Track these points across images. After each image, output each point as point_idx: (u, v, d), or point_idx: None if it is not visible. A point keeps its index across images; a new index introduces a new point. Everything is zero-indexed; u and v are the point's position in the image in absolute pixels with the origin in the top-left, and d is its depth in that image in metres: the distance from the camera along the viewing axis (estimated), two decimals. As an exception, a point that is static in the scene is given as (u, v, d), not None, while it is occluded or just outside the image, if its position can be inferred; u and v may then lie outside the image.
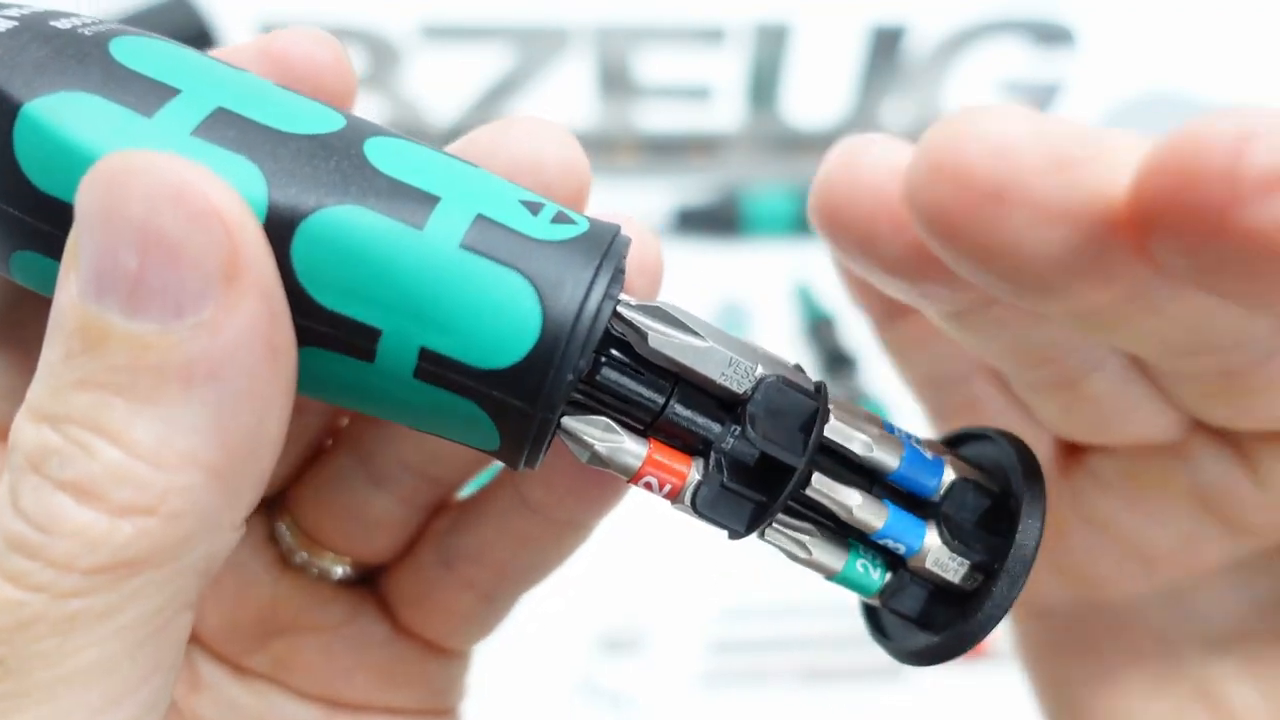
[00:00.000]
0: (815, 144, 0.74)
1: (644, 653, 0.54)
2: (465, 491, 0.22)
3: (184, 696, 0.21)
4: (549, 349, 0.14)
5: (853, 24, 0.69)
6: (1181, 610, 0.23)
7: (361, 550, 0.22)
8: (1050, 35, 0.69)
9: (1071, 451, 0.22)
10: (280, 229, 0.14)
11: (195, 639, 0.21)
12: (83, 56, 0.14)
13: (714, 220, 0.70)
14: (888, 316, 0.22)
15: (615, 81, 0.69)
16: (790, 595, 0.55)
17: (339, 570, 0.22)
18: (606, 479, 0.19)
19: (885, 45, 0.68)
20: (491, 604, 0.22)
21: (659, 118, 0.73)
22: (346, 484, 0.21)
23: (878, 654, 0.18)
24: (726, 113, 0.73)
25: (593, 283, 0.14)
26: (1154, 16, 0.83)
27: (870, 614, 0.19)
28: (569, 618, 0.54)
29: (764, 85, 0.71)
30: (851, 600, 0.18)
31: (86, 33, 0.15)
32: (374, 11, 0.65)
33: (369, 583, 0.22)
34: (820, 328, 0.65)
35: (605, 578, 0.56)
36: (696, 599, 0.55)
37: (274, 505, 0.22)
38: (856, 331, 0.66)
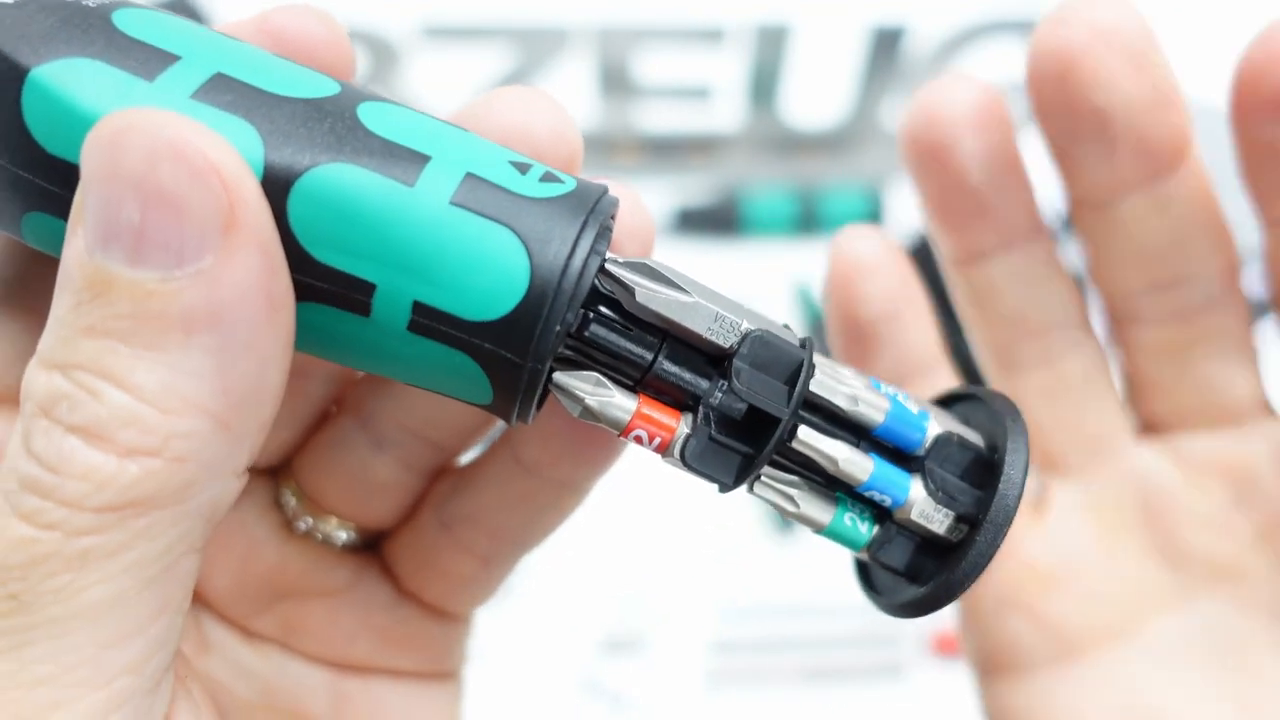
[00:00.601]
0: (815, 144, 0.74)
1: (645, 653, 0.54)
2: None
3: (193, 657, 0.21)
4: (537, 301, 0.15)
5: (853, 24, 0.69)
6: (1143, 652, 0.24)
7: (364, 515, 0.22)
8: (1050, 35, 0.69)
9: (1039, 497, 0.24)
10: (277, 187, 0.14)
11: (203, 602, 0.22)
12: (87, 26, 0.15)
13: (714, 220, 0.70)
14: (968, 257, 0.25)
15: (615, 81, 0.69)
16: (791, 596, 0.55)
17: (342, 535, 0.22)
18: (600, 440, 0.20)
19: (885, 45, 0.68)
20: (490, 567, 0.22)
21: (659, 118, 0.73)
22: (349, 449, 0.21)
23: (878, 654, 0.18)
24: (726, 113, 0.73)
25: (579, 237, 0.15)
26: (1153, 17, 0.83)
27: (862, 571, 0.19)
28: (571, 618, 0.55)
29: (764, 85, 0.71)
30: (850, 600, 0.18)
31: (90, 4, 0.15)
32: (374, 11, 0.65)
33: (372, 548, 0.23)
34: (821, 328, 0.65)
35: (607, 579, 0.56)
36: (697, 599, 0.55)
37: (278, 472, 0.22)
38: (856, 331, 0.66)
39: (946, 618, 0.55)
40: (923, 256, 0.74)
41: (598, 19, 0.67)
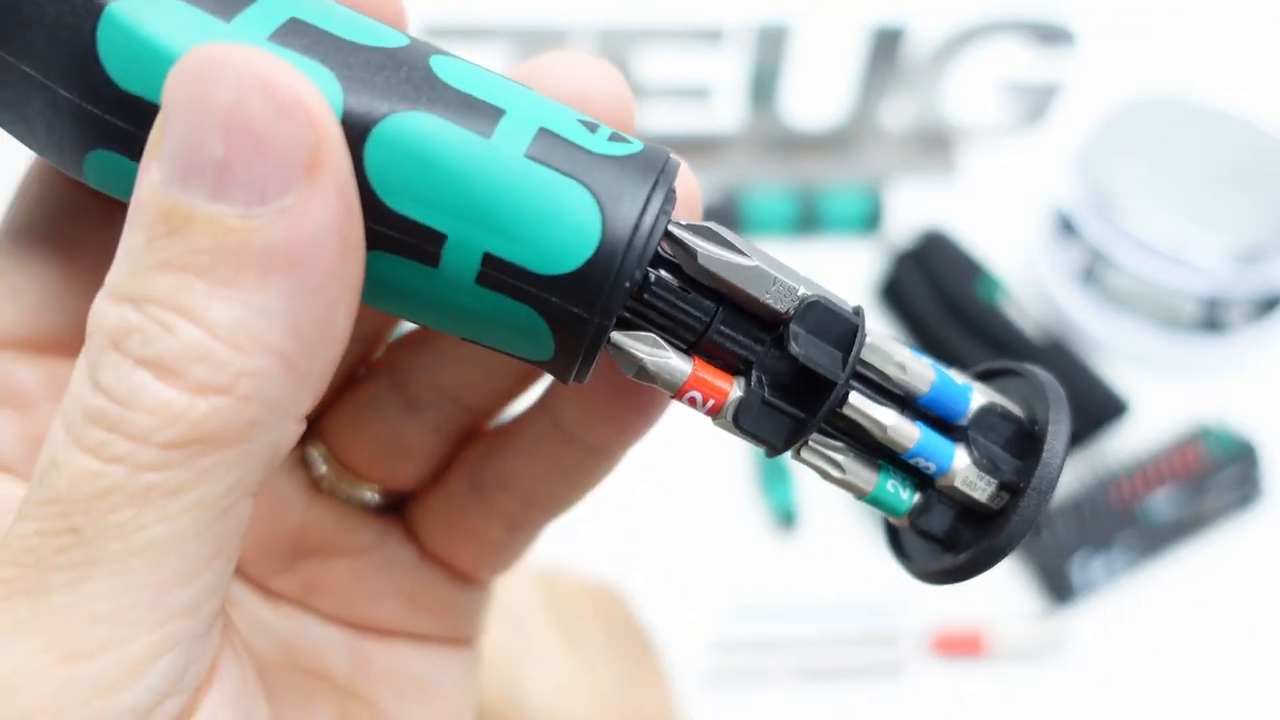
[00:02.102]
0: (815, 144, 0.74)
1: (644, 653, 0.54)
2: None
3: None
4: (608, 257, 0.15)
5: (853, 24, 0.69)
6: None
7: (392, 477, 0.22)
8: (1050, 35, 0.69)
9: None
10: (353, 132, 0.14)
11: None
12: None
13: (714, 220, 0.70)
14: None
15: (615, 82, 0.69)
16: (790, 595, 0.55)
17: (369, 496, 0.22)
18: (640, 404, 0.20)
19: (885, 45, 0.68)
20: (517, 532, 0.22)
21: (659, 118, 0.73)
22: (381, 410, 0.21)
23: (877, 654, 0.18)
24: (726, 113, 0.73)
25: (650, 196, 0.15)
26: (1154, 16, 0.83)
27: (893, 538, 0.19)
28: (569, 618, 0.55)
29: (764, 85, 0.71)
30: (850, 600, 0.18)
31: None
32: (374, 12, 0.65)
33: (397, 510, 0.23)
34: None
35: (607, 579, 0.56)
36: (695, 599, 0.55)
37: (308, 430, 0.22)
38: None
39: (947, 617, 0.55)
40: (922, 256, 0.74)
41: (598, 19, 0.67)
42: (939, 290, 0.65)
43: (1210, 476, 0.58)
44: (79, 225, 0.18)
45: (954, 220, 0.69)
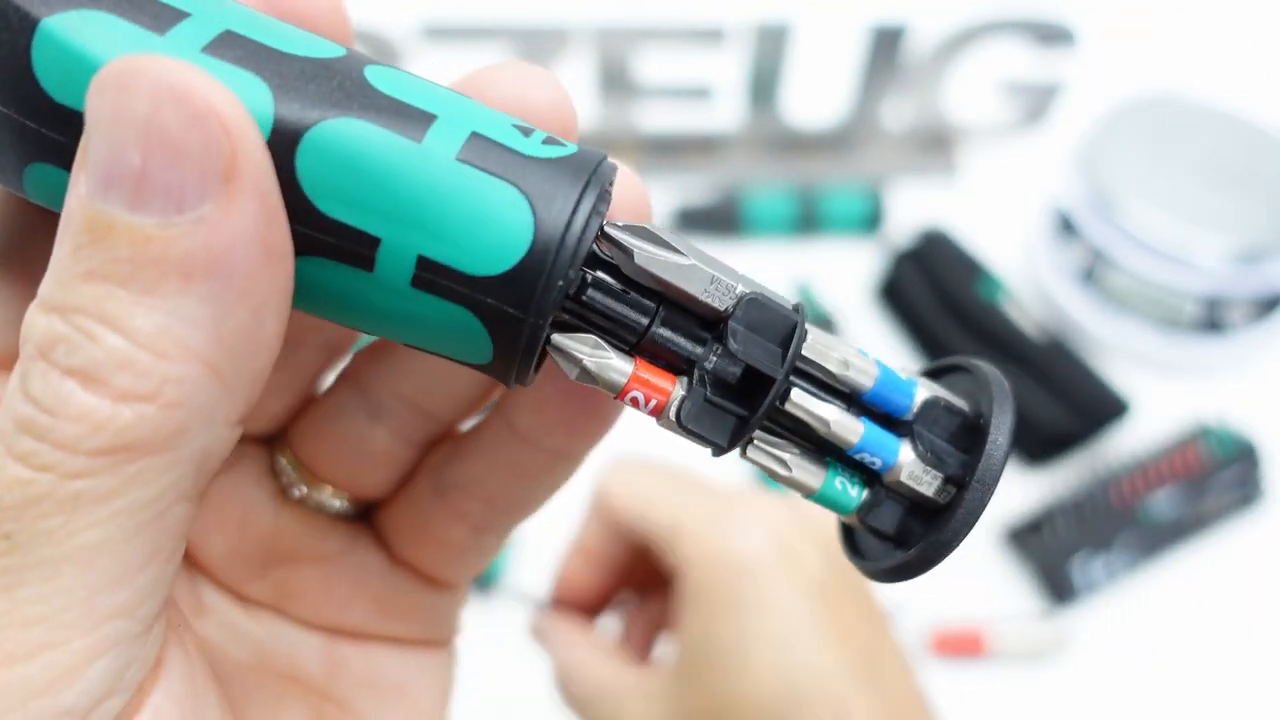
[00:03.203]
0: (815, 144, 0.74)
1: (644, 653, 0.54)
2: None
3: (189, 620, 0.21)
4: (540, 257, 0.15)
5: (853, 24, 0.69)
6: None
7: (359, 484, 0.22)
8: (1050, 35, 0.69)
9: None
10: (286, 139, 0.14)
11: (199, 567, 0.22)
12: None
13: (714, 220, 0.70)
14: None
15: (615, 81, 0.69)
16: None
17: (336, 504, 0.23)
18: (593, 410, 0.20)
19: (885, 45, 0.68)
20: (483, 535, 0.22)
21: (659, 118, 0.73)
22: (346, 419, 0.22)
23: None
24: (726, 113, 0.73)
25: (581, 196, 0.15)
26: (1154, 16, 0.83)
27: (848, 539, 0.19)
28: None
29: (764, 85, 0.71)
30: None
31: None
32: (374, 11, 0.65)
33: (366, 517, 0.23)
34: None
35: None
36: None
37: (274, 440, 0.22)
38: (856, 331, 0.66)
39: (947, 617, 0.55)
40: (922, 256, 0.74)
41: (598, 19, 0.66)
42: (939, 290, 0.65)
43: (1211, 477, 0.58)
44: (30, 243, 0.18)
45: (954, 220, 0.69)
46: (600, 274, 0.16)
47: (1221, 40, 0.82)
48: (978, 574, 0.58)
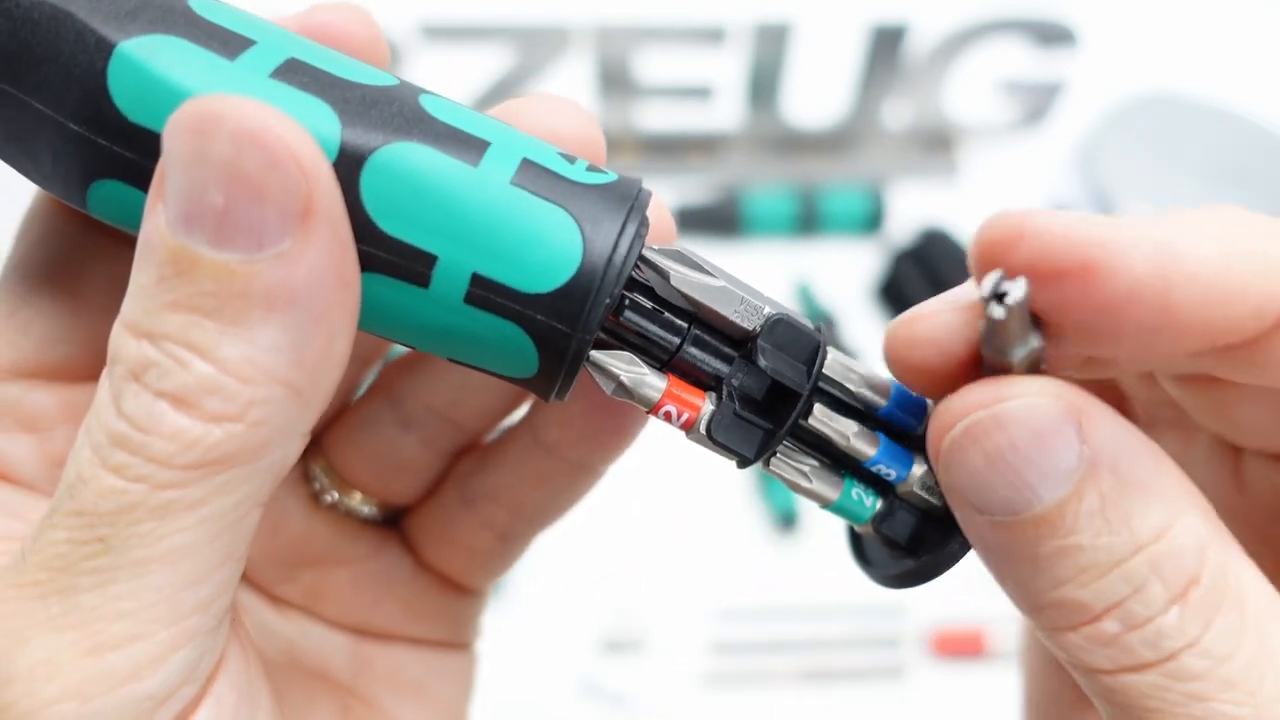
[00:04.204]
0: (815, 144, 0.74)
1: (644, 653, 0.54)
2: None
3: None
4: (589, 276, 0.16)
5: (853, 24, 0.69)
6: None
7: (389, 491, 0.24)
8: (1050, 35, 0.69)
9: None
10: (351, 161, 0.15)
11: None
12: (168, 8, 0.16)
13: (714, 220, 0.70)
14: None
15: (615, 81, 0.69)
16: (790, 596, 0.55)
17: (366, 510, 0.24)
18: (617, 425, 0.21)
19: (885, 45, 0.68)
20: (507, 542, 0.23)
21: (659, 117, 0.73)
22: (377, 428, 0.23)
23: (877, 654, 0.19)
24: (726, 113, 0.73)
25: (626, 220, 0.16)
26: (1154, 16, 0.83)
27: (856, 547, 0.20)
28: (570, 619, 0.54)
29: (764, 85, 0.71)
30: (850, 601, 0.19)
31: None
32: (374, 11, 0.65)
33: (394, 522, 0.25)
34: (820, 327, 0.65)
35: (606, 579, 0.56)
36: (696, 600, 0.55)
37: (310, 446, 0.23)
38: (856, 331, 0.66)
39: (947, 618, 0.55)
40: (923, 255, 0.74)
41: (598, 18, 0.66)
42: (939, 289, 0.65)
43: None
44: (81, 259, 0.19)
45: (954, 219, 0.69)
46: (637, 295, 0.17)
47: (1221, 40, 0.82)
48: (978, 574, 0.58)
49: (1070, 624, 0.15)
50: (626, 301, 0.17)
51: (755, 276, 0.18)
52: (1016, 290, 0.14)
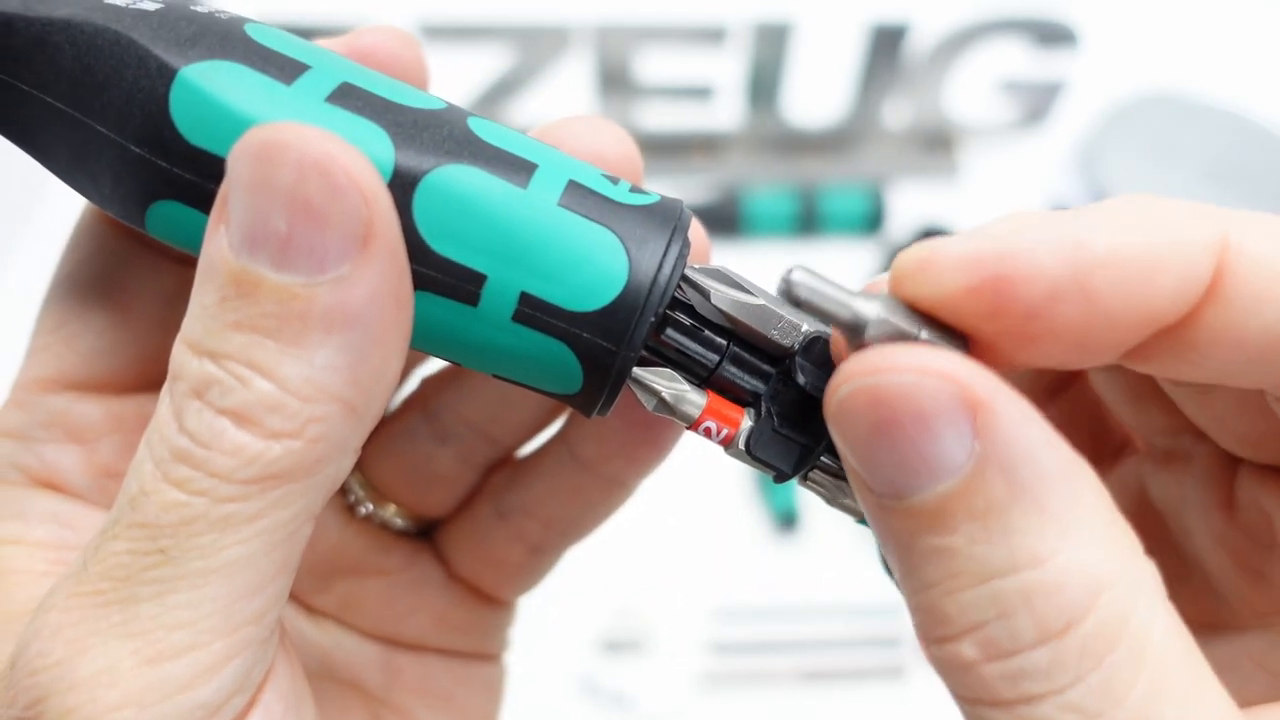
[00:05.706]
0: (815, 144, 0.74)
1: (644, 653, 0.54)
2: None
3: None
4: (634, 295, 0.16)
5: (853, 24, 0.69)
6: None
7: (423, 504, 0.24)
8: (1050, 35, 0.69)
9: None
10: (404, 183, 0.16)
11: None
12: (225, 34, 0.17)
13: (714, 220, 0.70)
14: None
15: (615, 81, 0.69)
16: (790, 597, 0.55)
17: (400, 522, 0.24)
18: (651, 439, 0.22)
19: (885, 45, 0.68)
20: (538, 556, 0.24)
21: (659, 117, 0.73)
22: (413, 442, 0.23)
23: (878, 655, 0.19)
24: (726, 113, 0.73)
25: (670, 240, 0.17)
26: (1154, 16, 0.83)
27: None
28: (570, 619, 0.54)
29: (764, 85, 0.71)
30: (851, 602, 0.19)
31: (222, 17, 0.17)
32: (374, 11, 0.65)
33: (427, 534, 0.25)
34: None
35: (606, 579, 0.56)
36: (696, 600, 0.55)
37: None
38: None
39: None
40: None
41: (598, 18, 0.66)
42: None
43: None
44: (127, 273, 0.19)
45: (955, 219, 0.69)
46: (678, 314, 0.18)
47: (1221, 40, 0.82)
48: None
49: (932, 635, 0.15)
50: (668, 320, 0.18)
51: (756, 277, 0.18)
52: (795, 274, 0.15)
